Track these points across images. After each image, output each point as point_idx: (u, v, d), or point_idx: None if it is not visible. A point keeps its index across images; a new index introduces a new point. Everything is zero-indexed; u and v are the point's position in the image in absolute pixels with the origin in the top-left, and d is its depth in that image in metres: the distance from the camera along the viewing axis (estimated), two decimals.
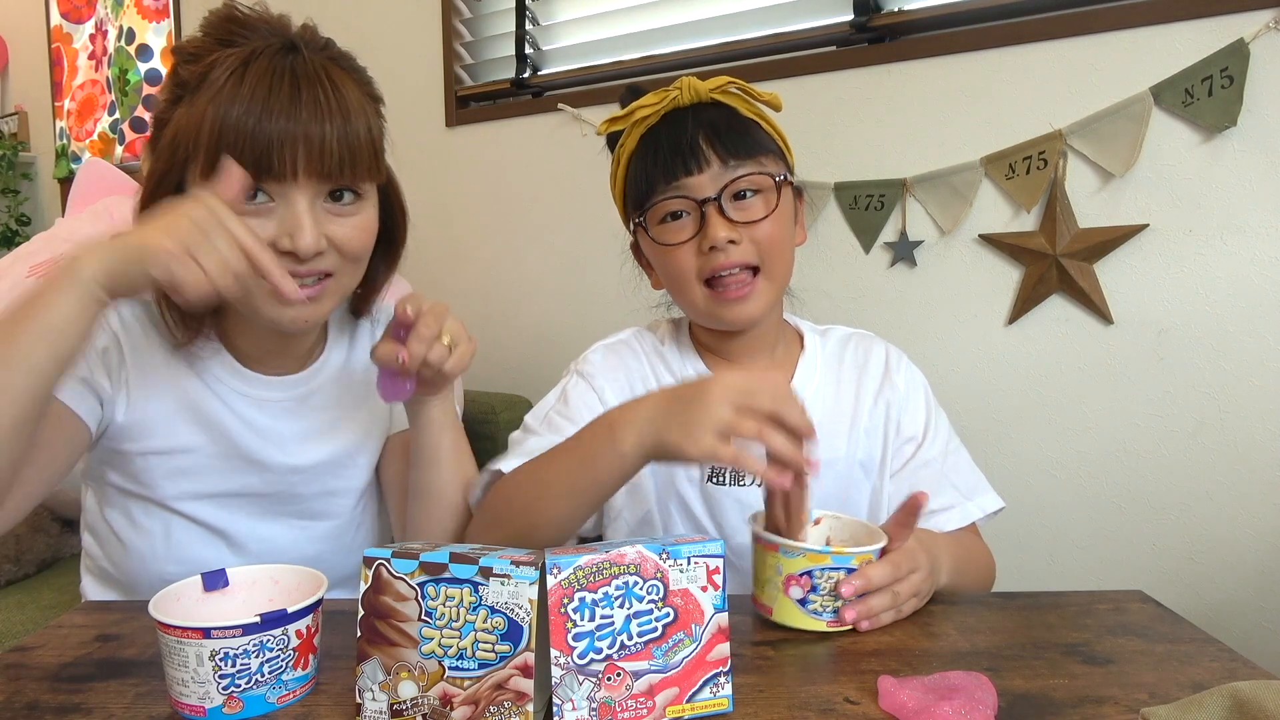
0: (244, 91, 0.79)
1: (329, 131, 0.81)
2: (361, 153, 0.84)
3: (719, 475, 1.00)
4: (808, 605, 0.76)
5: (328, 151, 0.81)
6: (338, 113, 0.81)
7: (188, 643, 0.60)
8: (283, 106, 0.79)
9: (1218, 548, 1.38)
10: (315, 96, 0.80)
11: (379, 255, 0.97)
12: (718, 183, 0.92)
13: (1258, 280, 1.33)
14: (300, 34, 0.86)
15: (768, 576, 0.78)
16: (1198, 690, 0.63)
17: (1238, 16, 1.30)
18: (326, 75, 0.83)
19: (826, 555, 0.76)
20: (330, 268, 0.86)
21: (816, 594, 0.76)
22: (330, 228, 0.84)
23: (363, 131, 0.84)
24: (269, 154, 0.79)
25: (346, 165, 0.83)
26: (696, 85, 0.95)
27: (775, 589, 0.77)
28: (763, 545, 0.79)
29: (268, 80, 0.79)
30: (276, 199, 0.82)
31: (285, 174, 0.80)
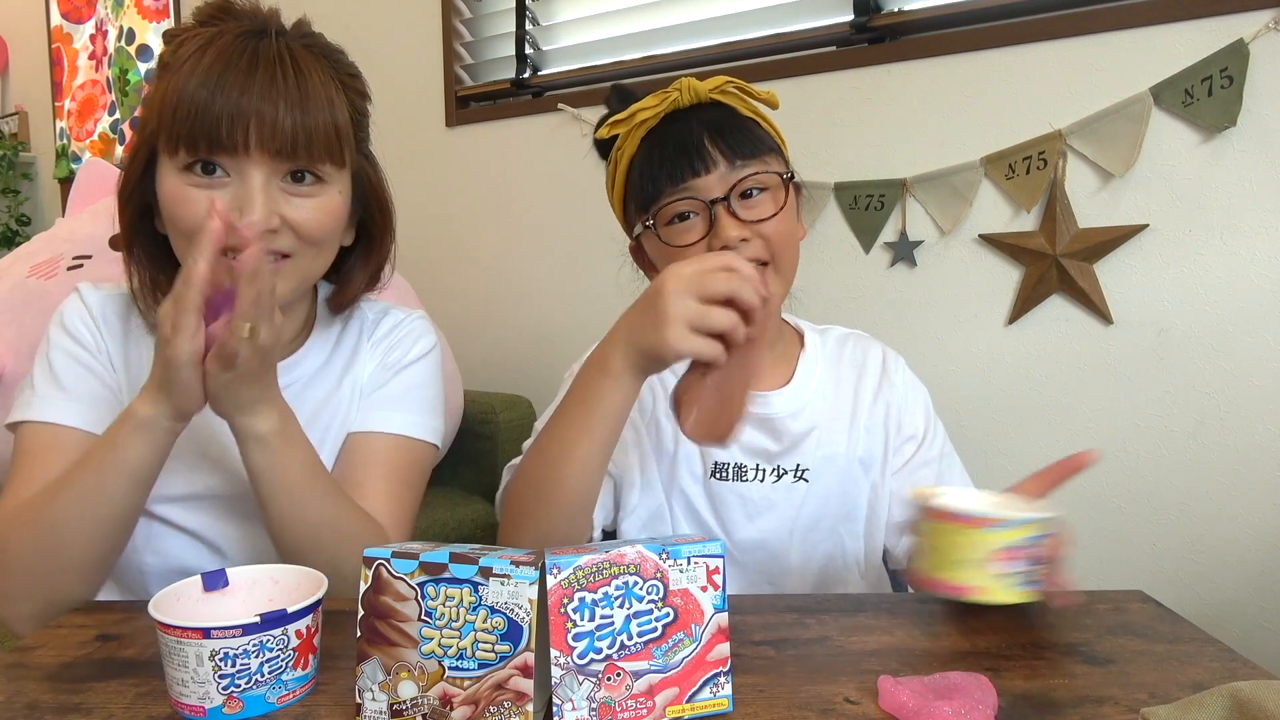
0: (201, 66, 0.80)
1: (282, 109, 0.80)
2: (318, 134, 0.83)
3: (721, 471, 1.00)
4: (1016, 578, 0.72)
5: (280, 129, 0.80)
6: (294, 90, 0.81)
7: (187, 643, 0.60)
8: (236, 81, 0.79)
9: (1218, 548, 1.38)
10: (271, 74, 0.81)
11: (357, 252, 0.97)
12: (725, 183, 0.92)
13: (1258, 280, 1.33)
14: (279, 23, 0.87)
15: (961, 556, 0.73)
16: (1198, 690, 0.63)
17: (1238, 16, 1.30)
18: (291, 56, 0.83)
19: (1038, 523, 0.72)
20: (287, 248, 0.85)
21: (1027, 564, 0.72)
22: (286, 208, 0.83)
23: (323, 113, 0.83)
24: (218, 127, 0.79)
25: (301, 145, 0.82)
26: (696, 86, 0.95)
27: (975, 567, 0.72)
28: (958, 523, 0.73)
29: (225, 57, 0.80)
30: (233, 174, 0.82)
31: (236, 148, 0.80)
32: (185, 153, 0.81)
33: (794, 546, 1.00)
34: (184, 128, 0.80)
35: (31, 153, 3.49)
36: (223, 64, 0.80)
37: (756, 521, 1.00)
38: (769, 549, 1.00)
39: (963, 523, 0.73)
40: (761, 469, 1.00)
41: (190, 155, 0.81)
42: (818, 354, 1.06)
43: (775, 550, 1.00)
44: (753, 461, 1.00)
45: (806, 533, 1.00)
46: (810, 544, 1.01)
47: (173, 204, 0.82)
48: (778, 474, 1.00)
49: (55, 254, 1.72)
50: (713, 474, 1.00)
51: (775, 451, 0.99)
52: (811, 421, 1.01)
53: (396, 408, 0.98)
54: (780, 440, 0.99)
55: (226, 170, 0.82)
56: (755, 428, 0.99)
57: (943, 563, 0.74)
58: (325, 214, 0.86)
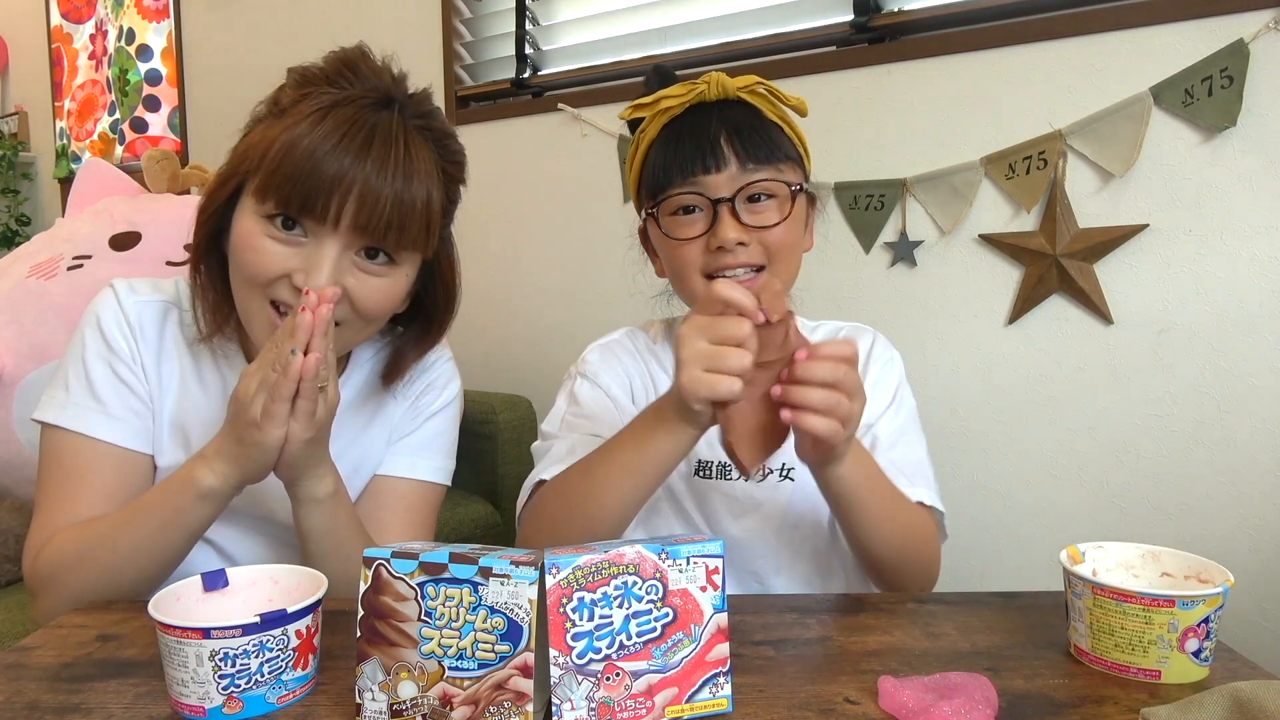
0: (321, 129, 0.80)
1: (385, 191, 0.81)
2: (412, 220, 0.84)
3: (705, 469, 1.00)
4: (1200, 655, 0.67)
5: (376, 211, 0.81)
6: (399, 177, 0.81)
7: (187, 643, 0.60)
8: (349, 154, 0.80)
9: (1218, 548, 1.38)
10: (383, 156, 0.81)
11: (413, 329, 0.98)
12: (734, 184, 0.92)
13: (1258, 280, 1.33)
14: (405, 95, 0.86)
15: (1155, 636, 0.67)
16: (1198, 690, 0.63)
17: (1238, 16, 1.30)
18: (405, 140, 0.83)
19: (1221, 596, 0.67)
20: (339, 318, 0.85)
21: (1210, 639, 0.68)
22: (350, 280, 0.84)
23: (420, 200, 0.84)
24: (316, 195, 0.80)
25: (393, 228, 0.82)
26: (724, 81, 0.95)
27: (1168, 648, 0.67)
28: (1146, 603, 0.67)
29: (345, 126, 0.80)
30: (310, 236, 0.83)
31: (328, 219, 0.81)
32: (274, 204, 0.81)
33: (781, 545, 1.00)
34: (283, 184, 0.80)
35: (31, 153, 3.49)
36: (340, 134, 0.80)
37: (741, 520, 1.00)
38: (755, 548, 1.00)
39: (1145, 603, 0.67)
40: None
41: (279, 209, 0.81)
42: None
43: (762, 549, 1.00)
44: None
45: (794, 531, 1.00)
46: (798, 541, 1.01)
47: (245, 248, 0.83)
48: (763, 473, 1.00)
49: (55, 254, 1.72)
50: (696, 472, 1.00)
51: None
52: None
53: (423, 455, 1.02)
54: None
55: (306, 230, 0.83)
56: None
57: (1130, 645, 0.68)
58: (385, 295, 0.87)
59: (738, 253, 0.92)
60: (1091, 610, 0.69)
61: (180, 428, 0.95)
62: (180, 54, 2.90)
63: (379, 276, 0.86)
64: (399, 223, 0.82)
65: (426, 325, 0.99)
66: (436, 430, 1.04)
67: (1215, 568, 0.71)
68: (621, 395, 1.03)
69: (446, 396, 1.05)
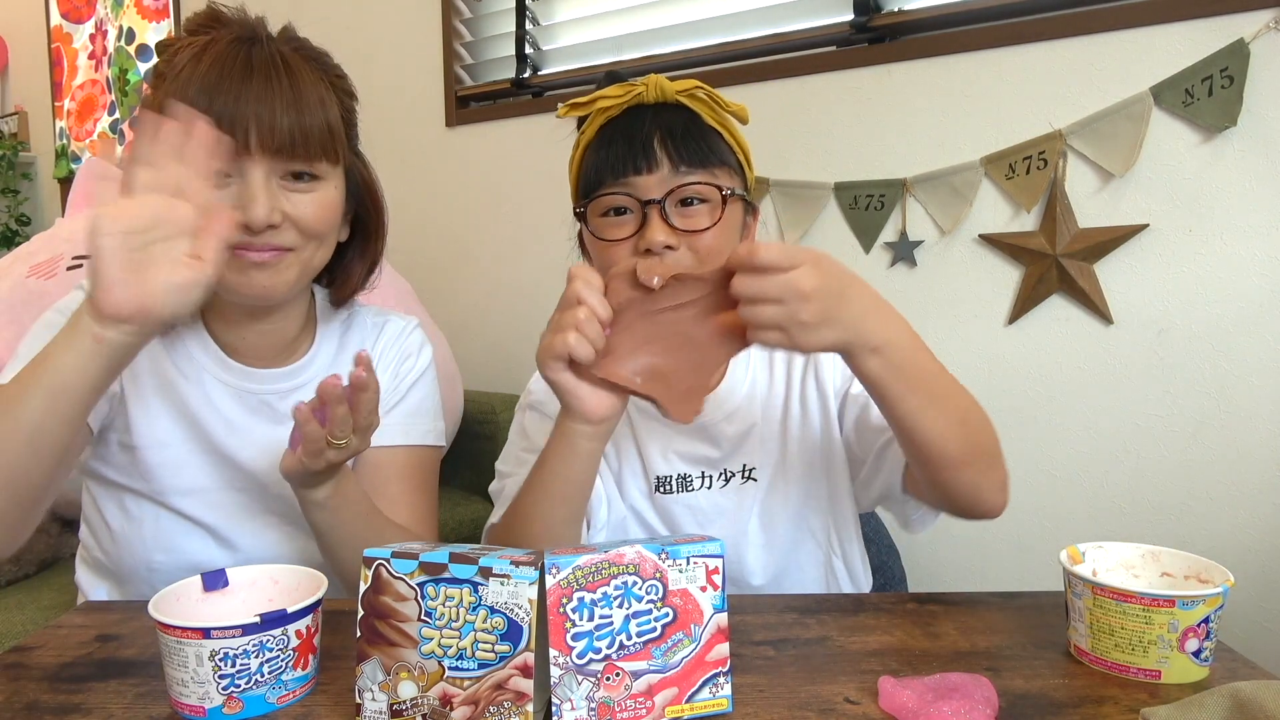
0: (198, 73, 0.83)
1: (278, 110, 0.84)
2: (314, 133, 0.86)
3: (665, 484, 0.99)
4: (1200, 655, 0.67)
5: (278, 129, 0.84)
6: (289, 92, 0.85)
7: (187, 643, 0.60)
8: (233, 86, 0.83)
9: (1218, 548, 1.38)
10: (266, 78, 0.84)
11: (354, 246, 1.00)
12: (664, 186, 0.89)
13: (1258, 280, 1.33)
14: (266, 30, 0.90)
15: (1155, 636, 0.67)
16: (1198, 690, 0.63)
17: (1238, 16, 1.30)
18: (283, 60, 0.86)
19: (1221, 595, 0.67)
20: (289, 243, 0.88)
21: (1210, 639, 0.67)
22: (286, 204, 0.87)
23: (315, 112, 0.87)
24: (219, 128, 0.80)
25: (299, 144, 0.85)
26: (662, 84, 0.93)
27: (1168, 648, 0.67)
28: (1146, 603, 0.67)
29: (220, 63, 0.84)
30: (234, 174, 0.85)
31: (236, 148, 0.82)
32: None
33: (751, 544, 1.00)
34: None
35: (31, 153, 3.49)
36: (218, 70, 0.83)
37: (708, 529, 0.99)
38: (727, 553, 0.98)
39: (1145, 603, 0.67)
40: (708, 476, 0.99)
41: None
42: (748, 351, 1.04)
43: (732, 555, 0.98)
44: (697, 470, 0.99)
45: (765, 529, 1.00)
46: (770, 538, 1.00)
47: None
48: (725, 478, 1.00)
49: (55, 254, 1.72)
50: (657, 488, 0.99)
51: (717, 457, 0.99)
52: (748, 420, 0.99)
53: (413, 420, 1.04)
54: (720, 446, 0.99)
55: (228, 171, 0.84)
56: (693, 437, 0.98)
57: (1130, 645, 0.68)
58: (323, 208, 0.90)
59: (665, 256, 0.89)
60: (1091, 610, 0.69)
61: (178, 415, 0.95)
62: None
63: (309, 193, 0.88)
64: (302, 137, 0.85)
65: (365, 239, 1.01)
66: (421, 395, 1.06)
67: (1215, 568, 0.71)
68: None
69: (424, 362, 1.07)
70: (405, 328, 1.08)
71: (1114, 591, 0.68)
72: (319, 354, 1.02)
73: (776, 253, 0.71)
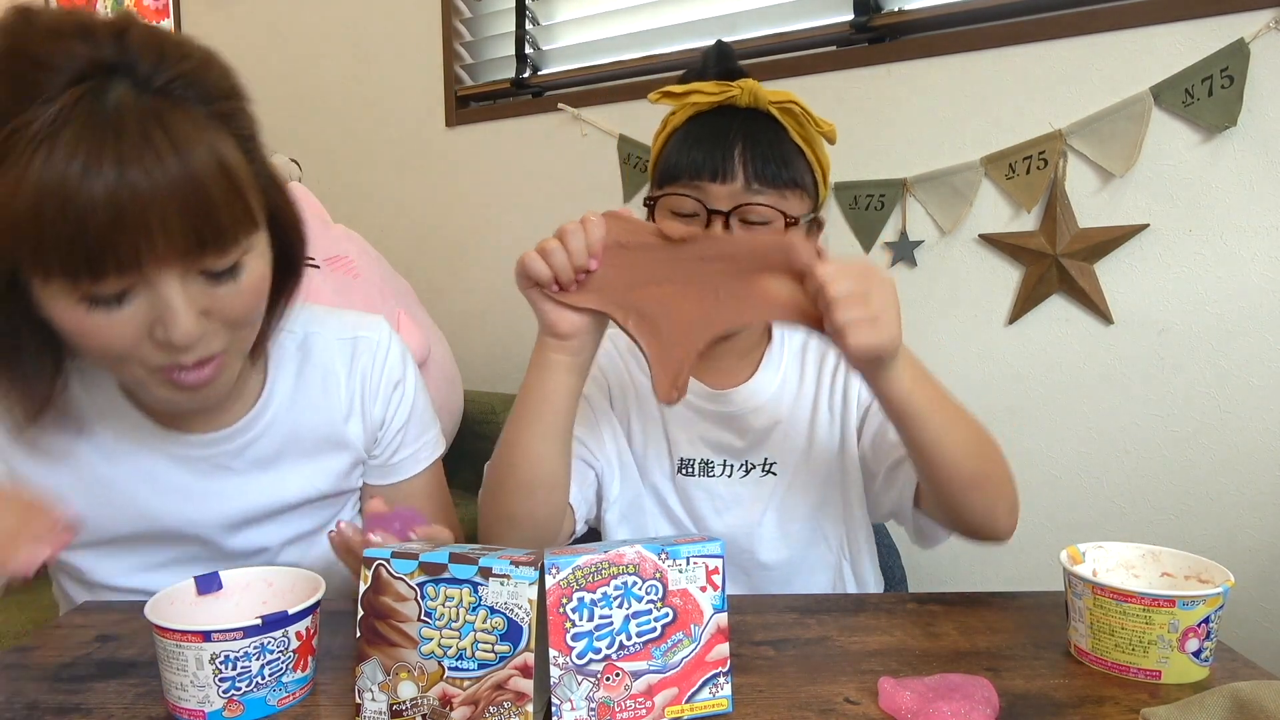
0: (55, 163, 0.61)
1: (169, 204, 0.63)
2: (219, 208, 0.66)
3: (687, 467, 1.01)
4: (1200, 655, 0.67)
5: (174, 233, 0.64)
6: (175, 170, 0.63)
7: (188, 646, 0.60)
8: (102, 187, 0.61)
9: (1218, 548, 1.38)
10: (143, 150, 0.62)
11: (274, 290, 0.79)
12: (734, 199, 0.91)
13: (1258, 280, 1.33)
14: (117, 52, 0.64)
15: (1155, 636, 0.67)
16: (1198, 690, 0.63)
17: (1238, 16, 1.30)
18: (156, 113, 0.64)
19: (1221, 595, 0.67)
20: (219, 347, 0.73)
21: (1210, 639, 0.67)
22: (209, 302, 0.70)
23: (211, 175, 0.65)
24: (103, 249, 0.63)
25: (210, 238, 0.66)
26: (757, 90, 0.93)
27: (1168, 648, 0.66)
28: (1146, 603, 0.66)
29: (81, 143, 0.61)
30: (139, 289, 0.67)
31: (128, 264, 0.64)
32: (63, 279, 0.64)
33: (764, 539, 1.00)
34: (58, 257, 0.63)
35: None
36: (80, 159, 0.61)
37: (724, 516, 1.00)
38: (738, 543, 1.00)
39: (1145, 603, 0.67)
40: (729, 465, 1.01)
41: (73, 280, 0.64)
42: (784, 348, 1.05)
43: (745, 544, 1.00)
44: (719, 458, 1.00)
45: (779, 525, 1.00)
46: (784, 536, 1.01)
47: (79, 335, 0.68)
48: (745, 469, 1.01)
49: None
50: (679, 470, 1.01)
51: (741, 447, 1.00)
52: (774, 416, 1.00)
53: (420, 442, 1.00)
54: (744, 436, 1.00)
55: (127, 286, 0.66)
56: (719, 425, 1.00)
57: (1130, 645, 0.68)
58: (252, 294, 0.73)
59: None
60: (1092, 610, 0.69)
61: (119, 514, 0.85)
62: None
63: (234, 281, 0.71)
64: (206, 221, 0.66)
65: (288, 270, 0.81)
66: (419, 410, 0.99)
67: (1215, 568, 0.71)
68: (600, 400, 1.04)
69: (411, 376, 0.98)
70: (380, 343, 0.95)
71: (1114, 591, 0.68)
72: (272, 398, 0.88)
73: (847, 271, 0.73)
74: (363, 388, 0.93)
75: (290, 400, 0.89)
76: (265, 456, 0.88)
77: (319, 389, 0.91)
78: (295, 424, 0.90)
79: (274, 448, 0.89)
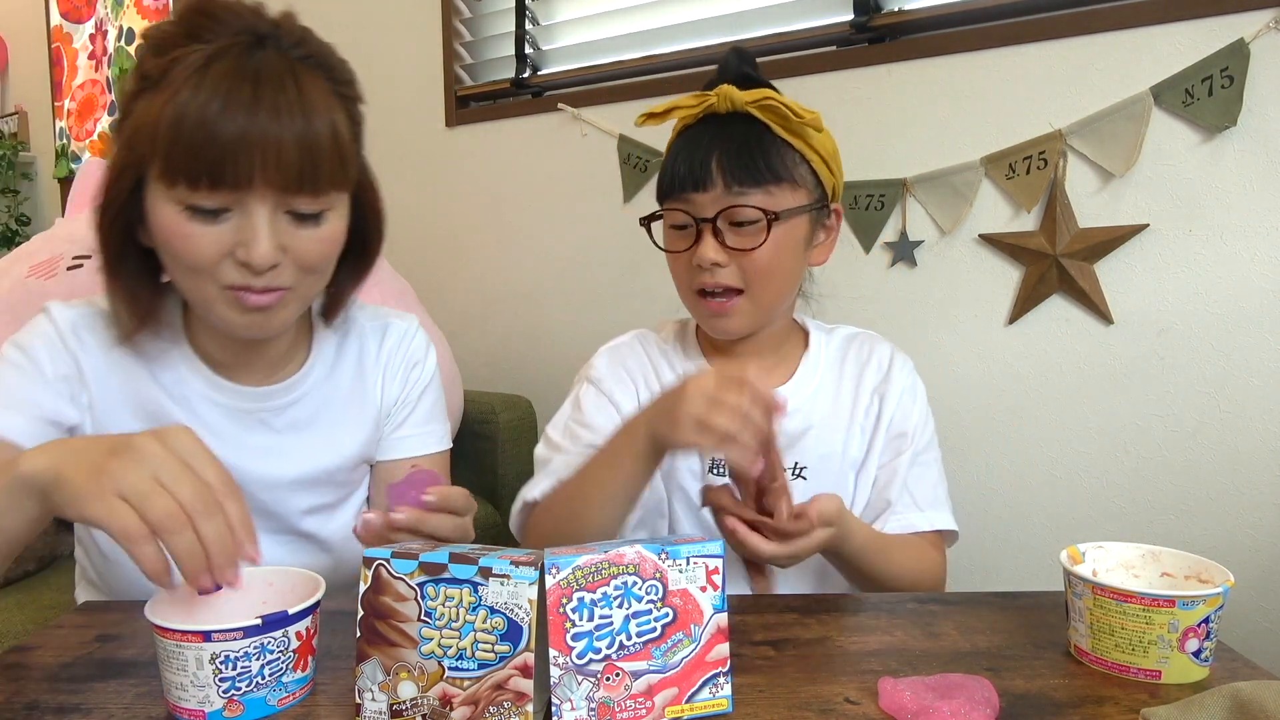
0: (203, 93, 0.75)
1: (287, 140, 0.76)
2: (324, 160, 0.79)
3: (719, 468, 1.01)
4: (1200, 655, 0.68)
5: (286, 163, 0.77)
6: (299, 118, 0.77)
7: (188, 646, 0.60)
8: (237, 115, 0.75)
9: (1218, 548, 1.38)
10: (274, 102, 0.76)
11: (348, 263, 0.93)
12: (717, 205, 0.93)
13: (1258, 280, 1.33)
14: (273, 28, 0.80)
15: (1155, 636, 0.67)
16: (1198, 690, 0.63)
17: (1238, 16, 1.30)
18: (291, 74, 0.78)
19: (1221, 596, 0.67)
20: (288, 282, 0.82)
21: (1210, 639, 0.68)
22: (289, 239, 0.81)
23: (325, 135, 0.79)
24: (223, 163, 0.75)
25: (308, 178, 0.78)
26: (732, 95, 0.93)
27: (1167, 648, 0.67)
28: (1146, 603, 0.67)
29: (228, 83, 0.75)
30: (235, 208, 0.79)
31: (241, 182, 0.76)
32: (186, 187, 0.76)
33: None
34: (185, 162, 0.75)
35: (31, 153, 3.49)
36: (224, 92, 0.75)
37: None
38: None
39: (1145, 603, 0.67)
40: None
41: (191, 190, 0.76)
42: (821, 354, 1.06)
43: None
44: None
45: None
46: None
47: (175, 238, 0.79)
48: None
49: (55, 254, 1.72)
50: (711, 469, 1.01)
51: None
52: (808, 420, 1.01)
53: (429, 426, 1.05)
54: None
55: (228, 204, 0.78)
56: None
57: (1130, 645, 0.68)
58: (326, 243, 0.85)
59: (715, 273, 0.95)
60: (1091, 610, 0.69)
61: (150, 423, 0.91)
62: None
63: (315, 227, 0.82)
64: (312, 167, 0.78)
65: (361, 254, 0.94)
66: (432, 400, 1.06)
67: (1215, 568, 0.71)
68: (626, 402, 1.05)
69: (431, 366, 1.06)
70: (408, 331, 1.05)
71: (1114, 591, 0.68)
72: (315, 366, 0.98)
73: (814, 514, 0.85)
74: (387, 363, 1.02)
75: (329, 370, 0.99)
76: (302, 419, 0.96)
77: (353, 362, 1.01)
78: (331, 391, 0.98)
79: (311, 411, 0.97)
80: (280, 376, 0.95)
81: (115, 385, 0.90)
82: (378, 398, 1.01)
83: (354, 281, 0.96)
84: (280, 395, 0.95)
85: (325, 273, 0.88)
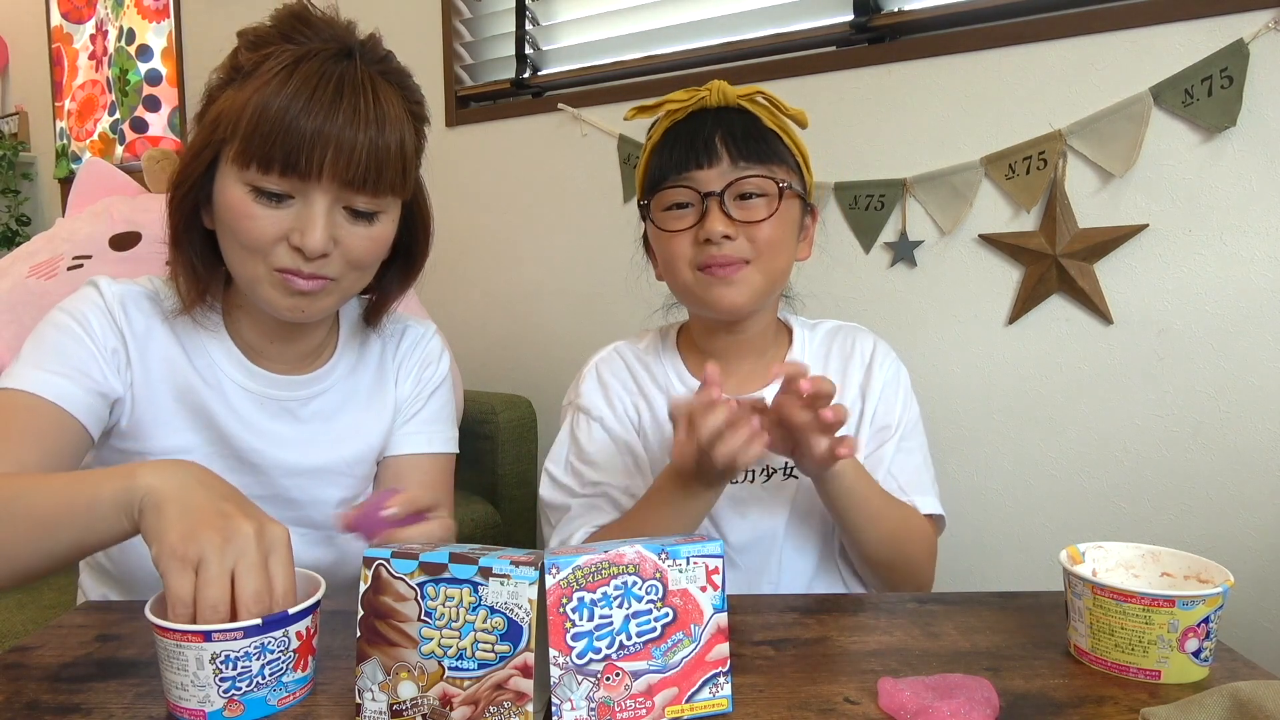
0: (289, 88, 0.81)
1: (359, 141, 0.82)
2: (389, 166, 0.85)
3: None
4: (1200, 655, 0.68)
5: (354, 161, 0.83)
6: (373, 123, 0.83)
7: (188, 646, 0.60)
8: (319, 110, 0.81)
9: (1218, 548, 1.38)
10: (354, 105, 0.83)
11: (395, 269, 0.99)
12: (724, 179, 0.95)
13: (1258, 280, 1.33)
14: (360, 42, 0.88)
15: (1155, 636, 0.67)
16: (1198, 690, 0.63)
17: (1238, 16, 1.30)
18: (372, 86, 0.85)
19: (1221, 595, 0.67)
20: (334, 273, 0.87)
21: (1210, 639, 0.68)
22: (342, 233, 0.86)
23: (394, 145, 0.85)
24: (297, 152, 0.81)
25: (370, 178, 0.84)
26: (725, 89, 0.98)
27: (1167, 648, 0.67)
28: (1146, 603, 0.67)
29: (313, 81, 0.82)
30: (298, 196, 0.84)
31: (310, 173, 0.82)
32: (258, 170, 0.82)
33: (788, 542, 1.01)
34: (261, 146, 0.81)
35: (31, 153, 3.49)
36: (309, 89, 0.81)
37: (749, 519, 1.01)
38: (763, 547, 1.01)
39: (1145, 603, 0.67)
40: (751, 470, 1.01)
41: (262, 173, 0.82)
42: (804, 350, 1.07)
43: (769, 547, 1.01)
44: None
45: (799, 527, 1.01)
46: (803, 538, 1.02)
47: (238, 216, 0.84)
48: (767, 473, 1.02)
49: (55, 254, 1.72)
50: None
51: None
52: None
53: (434, 427, 1.07)
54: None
55: (292, 192, 0.84)
56: None
57: (1130, 645, 0.68)
58: (375, 242, 0.90)
59: (724, 246, 0.95)
60: (1091, 610, 0.69)
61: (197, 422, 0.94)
62: (180, 54, 2.90)
63: (368, 226, 0.88)
64: (376, 170, 0.84)
65: (407, 264, 1.00)
66: (441, 402, 1.08)
67: (1215, 568, 0.71)
68: (620, 428, 1.07)
69: (443, 369, 1.09)
70: (424, 334, 1.09)
71: (1114, 591, 0.68)
72: (340, 362, 1.02)
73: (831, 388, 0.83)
74: (403, 362, 1.06)
75: (352, 366, 1.03)
76: (327, 410, 1.00)
77: (375, 360, 1.05)
78: (354, 386, 1.03)
79: (335, 403, 1.01)
80: (310, 368, 1.00)
81: (155, 364, 0.94)
82: (393, 395, 1.05)
83: (399, 288, 1.01)
84: (308, 385, 0.99)
85: (368, 271, 0.93)
